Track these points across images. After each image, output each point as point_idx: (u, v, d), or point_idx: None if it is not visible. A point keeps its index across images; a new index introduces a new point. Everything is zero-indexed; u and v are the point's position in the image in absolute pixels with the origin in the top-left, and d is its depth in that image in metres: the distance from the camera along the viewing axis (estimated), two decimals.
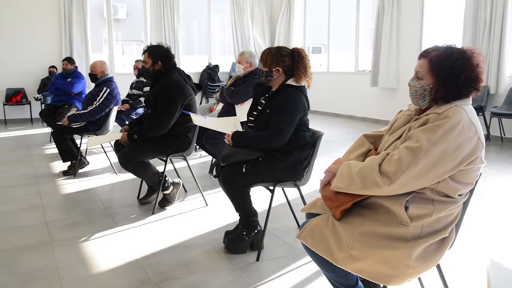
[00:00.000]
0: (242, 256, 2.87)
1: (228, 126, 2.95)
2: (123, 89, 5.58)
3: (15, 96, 9.29)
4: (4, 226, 3.42)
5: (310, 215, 2.04)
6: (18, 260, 2.83)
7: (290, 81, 2.81)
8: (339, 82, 10.03)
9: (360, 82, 9.39)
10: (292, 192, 3.38)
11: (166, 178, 3.76)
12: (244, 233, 2.90)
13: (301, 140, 2.82)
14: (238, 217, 2.97)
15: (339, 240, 1.76)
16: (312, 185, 3.18)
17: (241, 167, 2.74)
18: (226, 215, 3.60)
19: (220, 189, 3.37)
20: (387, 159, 1.72)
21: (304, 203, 2.98)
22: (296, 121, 2.76)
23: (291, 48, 2.89)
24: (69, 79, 6.65)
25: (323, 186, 1.92)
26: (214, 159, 4.78)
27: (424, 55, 1.82)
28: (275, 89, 2.85)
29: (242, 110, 4.30)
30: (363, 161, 1.85)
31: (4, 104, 9.28)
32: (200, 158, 5.72)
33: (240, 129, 2.92)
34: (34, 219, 3.59)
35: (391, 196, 1.73)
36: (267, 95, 2.90)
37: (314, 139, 2.91)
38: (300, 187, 2.95)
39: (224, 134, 2.98)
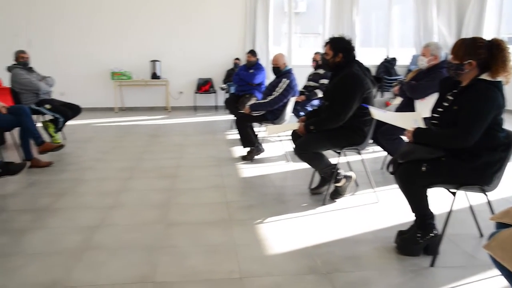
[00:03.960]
0: (414, 259, 2.72)
1: (409, 121, 2.81)
2: (299, 81, 5.73)
3: (204, 86, 10.30)
4: (192, 202, 3.82)
5: (501, 225, 1.83)
6: (202, 233, 3.14)
7: (484, 76, 2.54)
8: None
9: None
10: (475, 197, 3.08)
11: (339, 171, 3.76)
12: (419, 235, 2.75)
13: (493, 141, 2.54)
14: (413, 218, 2.82)
15: None
16: (502, 192, 2.85)
17: (420, 166, 2.59)
18: (399, 213, 3.46)
19: (393, 186, 3.25)
20: None
21: (492, 211, 2.69)
22: (488, 120, 2.48)
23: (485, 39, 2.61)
24: (251, 70, 7.10)
25: None
26: (388, 155, 4.62)
27: None
28: (466, 84, 2.61)
29: (423, 106, 4.06)
30: None
31: (195, 93, 10.38)
32: (373, 153, 5.59)
33: (422, 125, 2.75)
34: (216, 198, 3.94)
35: None
36: (455, 91, 2.68)
37: (508, 140, 2.59)
38: (487, 193, 2.67)
39: (402, 129, 2.84)
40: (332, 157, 3.85)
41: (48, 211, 3.57)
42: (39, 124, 5.22)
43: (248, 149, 5.35)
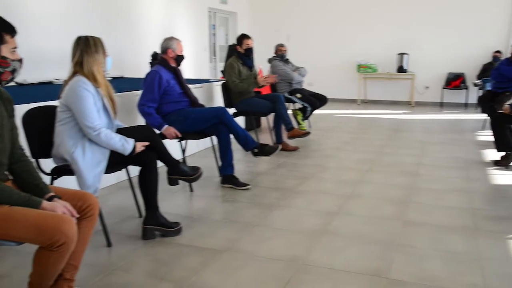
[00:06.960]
0: None
1: None
2: None
3: (455, 81, 9.56)
4: (432, 203, 3.61)
5: None
6: (442, 237, 2.94)
7: None
8: None
9: None
10: None
11: None
12: None
13: None
14: None
15: None
16: None
17: None
18: None
19: None
20: None
21: None
22: None
23: None
24: None
25: None
26: None
27: None
28: None
29: None
30: None
31: (443, 88, 9.74)
32: None
33: None
34: (459, 202, 3.63)
35: None
36: None
37: None
38: None
39: None
40: None
41: (293, 192, 3.88)
42: (289, 112, 5.69)
43: (503, 153, 4.75)
